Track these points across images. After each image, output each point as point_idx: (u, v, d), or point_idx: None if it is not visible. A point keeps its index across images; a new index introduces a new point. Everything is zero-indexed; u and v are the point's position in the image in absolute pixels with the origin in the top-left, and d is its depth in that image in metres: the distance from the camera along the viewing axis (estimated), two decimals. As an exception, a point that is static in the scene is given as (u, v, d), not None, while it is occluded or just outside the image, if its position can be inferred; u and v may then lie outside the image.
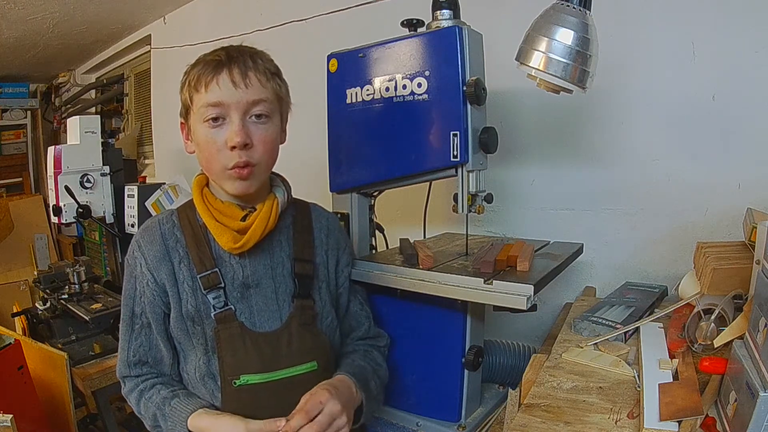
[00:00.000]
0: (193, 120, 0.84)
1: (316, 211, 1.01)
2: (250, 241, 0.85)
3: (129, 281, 0.89)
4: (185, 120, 0.88)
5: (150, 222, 0.92)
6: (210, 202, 0.87)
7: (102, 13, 2.70)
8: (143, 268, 0.87)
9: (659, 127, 1.25)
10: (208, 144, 0.82)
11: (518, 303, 0.83)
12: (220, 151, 0.81)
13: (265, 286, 0.88)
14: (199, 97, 0.81)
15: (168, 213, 0.92)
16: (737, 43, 1.12)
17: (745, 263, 0.87)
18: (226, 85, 0.79)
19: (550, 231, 1.34)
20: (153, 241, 0.87)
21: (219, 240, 0.85)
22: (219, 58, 0.81)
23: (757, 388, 0.56)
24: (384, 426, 1.06)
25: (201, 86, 0.80)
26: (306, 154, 0.88)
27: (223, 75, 0.79)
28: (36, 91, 4.32)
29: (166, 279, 0.85)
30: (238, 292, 0.86)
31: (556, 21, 0.84)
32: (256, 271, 0.88)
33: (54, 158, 1.79)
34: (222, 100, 0.80)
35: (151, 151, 3.20)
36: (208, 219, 0.85)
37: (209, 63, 0.81)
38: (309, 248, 0.95)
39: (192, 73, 0.82)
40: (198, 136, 0.83)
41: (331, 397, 0.79)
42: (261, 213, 0.86)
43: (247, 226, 0.85)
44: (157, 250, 0.87)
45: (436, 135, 0.96)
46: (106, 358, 1.59)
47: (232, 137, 0.80)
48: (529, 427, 0.69)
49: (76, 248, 3.71)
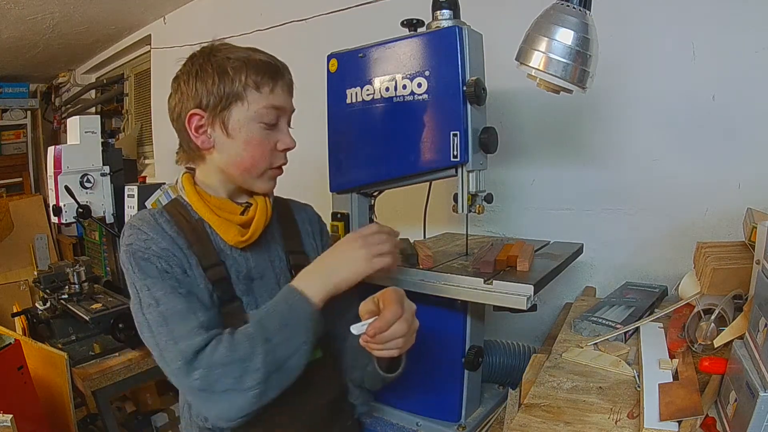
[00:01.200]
0: (244, 117, 0.81)
1: (295, 204, 1.03)
2: (255, 233, 0.85)
3: (146, 267, 0.77)
4: (213, 113, 0.81)
5: (141, 214, 0.84)
6: (206, 199, 0.86)
7: (102, 13, 2.70)
8: (162, 245, 0.78)
9: (659, 127, 1.25)
10: (261, 144, 0.83)
11: (518, 303, 0.83)
12: (272, 152, 0.85)
13: (268, 278, 0.88)
14: (261, 97, 0.81)
15: (157, 210, 0.85)
16: (737, 43, 1.12)
17: (745, 263, 0.87)
18: (284, 91, 0.85)
19: (550, 231, 1.34)
20: (154, 228, 0.80)
21: (225, 234, 0.84)
22: (276, 63, 0.84)
23: (757, 388, 0.56)
24: (384, 426, 1.06)
25: (264, 87, 0.81)
26: (306, 154, 0.88)
27: (283, 81, 0.84)
28: (36, 91, 4.32)
29: (183, 261, 0.80)
30: (244, 284, 0.85)
31: (556, 21, 0.84)
32: (259, 264, 0.88)
33: (54, 158, 1.79)
34: (283, 105, 0.85)
35: (151, 151, 3.20)
36: (209, 215, 0.85)
37: (269, 65, 0.82)
38: (298, 240, 0.96)
39: (249, 72, 0.80)
40: (250, 134, 0.82)
41: (404, 295, 0.78)
42: (259, 206, 0.87)
43: (249, 219, 0.86)
44: (163, 237, 0.80)
45: (436, 135, 0.96)
46: (106, 358, 1.59)
47: (288, 141, 0.86)
48: (529, 427, 0.69)
49: (76, 248, 3.71)
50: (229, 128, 0.82)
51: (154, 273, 0.77)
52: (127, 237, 0.80)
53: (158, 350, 0.74)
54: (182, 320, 0.73)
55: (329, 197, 1.17)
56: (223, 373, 0.70)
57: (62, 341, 1.69)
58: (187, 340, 0.72)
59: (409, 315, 0.75)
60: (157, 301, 0.75)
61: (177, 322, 0.73)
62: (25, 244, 3.63)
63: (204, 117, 0.82)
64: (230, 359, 0.70)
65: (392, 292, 0.76)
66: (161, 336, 0.73)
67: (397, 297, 0.75)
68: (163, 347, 0.73)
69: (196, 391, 0.71)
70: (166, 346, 0.72)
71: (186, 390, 0.74)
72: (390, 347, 0.74)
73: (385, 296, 0.76)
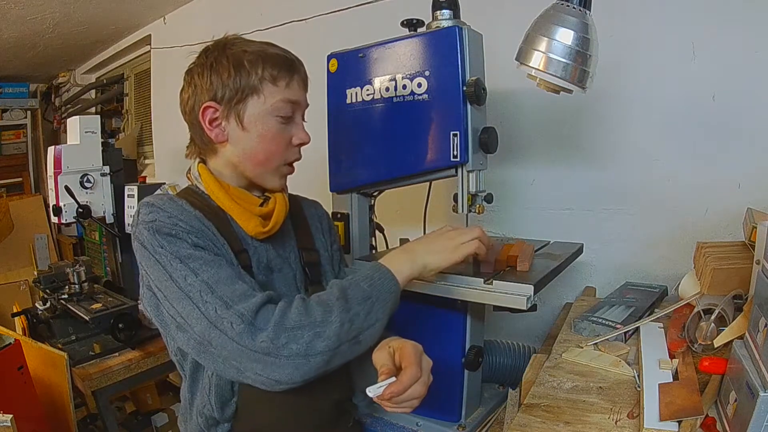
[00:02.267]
0: (260, 110, 0.81)
1: (304, 201, 1.03)
2: (276, 225, 0.86)
3: (174, 242, 0.72)
4: (228, 106, 0.81)
5: (157, 196, 0.80)
6: (227, 188, 0.85)
7: (102, 13, 2.70)
8: (193, 223, 0.75)
9: (659, 127, 1.25)
10: (277, 138, 0.83)
11: (518, 303, 0.83)
12: (287, 146, 0.85)
13: (286, 271, 0.89)
14: (277, 91, 0.81)
15: (171, 195, 0.83)
16: (737, 43, 1.12)
17: (745, 263, 0.87)
18: (300, 85, 0.85)
19: (550, 231, 1.34)
20: (179, 209, 0.77)
21: (245, 225, 0.83)
22: (292, 57, 0.84)
23: (757, 388, 0.56)
24: (384, 426, 1.06)
25: (281, 81, 0.81)
26: (306, 154, 0.88)
27: (298, 76, 0.84)
28: (36, 91, 4.31)
29: (215, 240, 0.77)
30: (263, 275, 0.85)
31: (556, 21, 0.84)
32: (277, 257, 0.88)
33: (54, 158, 1.79)
34: (298, 99, 0.84)
35: (151, 151, 3.20)
36: (230, 203, 0.83)
37: (285, 60, 0.83)
38: (309, 236, 0.96)
39: (266, 65, 0.80)
40: (265, 128, 0.82)
41: (422, 352, 0.74)
42: (279, 199, 0.87)
43: (270, 211, 0.86)
44: (189, 217, 0.76)
45: (436, 135, 0.96)
46: (106, 358, 1.59)
47: (303, 136, 0.85)
48: (529, 427, 0.69)
49: (76, 248, 3.72)
50: (244, 121, 0.81)
51: (186, 247, 0.73)
52: (145, 215, 0.75)
53: (206, 321, 0.68)
54: (231, 284, 0.71)
55: (329, 197, 1.17)
56: (293, 336, 0.67)
57: (62, 341, 1.68)
58: (244, 302, 0.69)
59: (426, 376, 0.72)
60: (195, 273, 0.71)
61: (226, 287, 0.70)
62: (25, 244, 3.63)
63: (219, 110, 0.81)
64: (302, 323, 0.68)
65: (411, 349, 0.72)
66: (210, 304, 0.69)
67: (415, 357, 0.71)
68: (217, 315, 0.68)
69: (261, 355, 0.67)
70: (221, 313, 0.68)
71: (247, 354, 0.68)
72: (404, 407, 0.70)
73: (403, 353, 0.72)
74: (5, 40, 2.95)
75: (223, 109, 0.81)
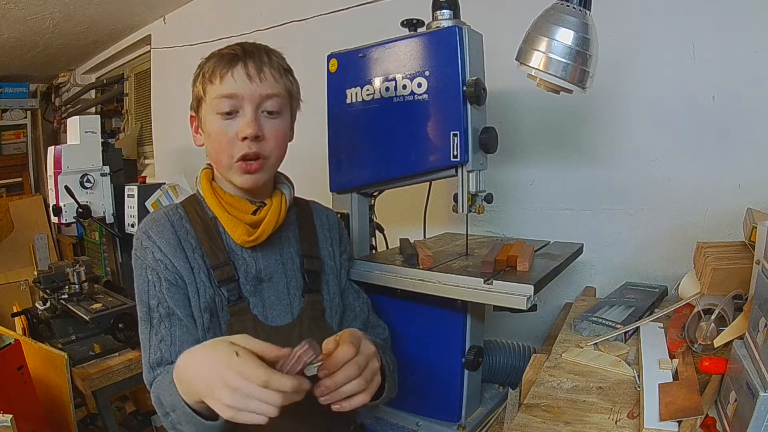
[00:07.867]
0: (205, 111, 0.84)
1: (316, 207, 1.02)
2: (263, 234, 0.85)
3: (141, 275, 0.83)
4: (196, 113, 0.87)
5: (155, 213, 0.88)
6: (220, 195, 0.87)
7: (102, 13, 2.69)
8: (157, 255, 0.82)
9: (659, 127, 1.25)
10: (219, 135, 0.82)
11: (518, 303, 0.83)
12: (231, 142, 0.82)
13: (277, 280, 0.88)
14: (214, 88, 0.81)
15: (173, 206, 0.89)
16: (737, 43, 1.12)
17: (745, 263, 0.87)
18: (241, 77, 0.81)
19: (550, 231, 1.34)
20: (163, 230, 0.83)
21: (232, 233, 0.84)
22: (235, 51, 0.82)
23: (757, 388, 0.56)
24: (384, 426, 1.06)
25: (216, 78, 0.81)
26: (306, 153, 0.88)
27: (239, 68, 0.81)
28: (36, 91, 4.31)
29: (182, 267, 0.82)
30: (251, 285, 0.86)
31: (556, 21, 0.84)
32: (269, 266, 0.88)
33: (54, 158, 1.79)
34: (236, 92, 0.81)
35: (151, 151, 3.20)
36: (220, 211, 0.85)
37: (225, 56, 0.82)
38: (314, 244, 0.96)
39: (207, 65, 0.83)
40: (209, 127, 0.83)
41: (363, 337, 0.74)
42: (272, 207, 0.87)
43: (260, 219, 0.86)
44: (170, 238, 0.83)
45: (436, 135, 0.96)
46: (106, 358, 1.59)
47: (244, 128, 0.81)
48: (529, 427, 0.69)
49: (76, 248, 3.71)
50: (202, 125, 0.86)
51: (143, 287, 0.83)
52: (135, 240, 0.85)
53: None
54: (144, 347, 0.82)
55: (329, 197, 1.16)
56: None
57: (62, 341, 1.68)
58: (144, 369, 0.81)
59: (363, 359, 0.69)
60: (139, 316, 0.83)
61: (144, 345, 0.82)
62: (25, 244, 3.63)
63: (195, 118, 0.88)
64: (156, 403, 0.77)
65: (349, 331, 0.73)
66: (145, 357, 0.82)
67: (352, 337, 0.71)
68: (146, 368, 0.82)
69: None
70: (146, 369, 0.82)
71: None
72: (342, 395, 0.66)
73: (343, 335, 0.72)
74: (5, 40, 2.95)
75: (195, 117, 0.88)
